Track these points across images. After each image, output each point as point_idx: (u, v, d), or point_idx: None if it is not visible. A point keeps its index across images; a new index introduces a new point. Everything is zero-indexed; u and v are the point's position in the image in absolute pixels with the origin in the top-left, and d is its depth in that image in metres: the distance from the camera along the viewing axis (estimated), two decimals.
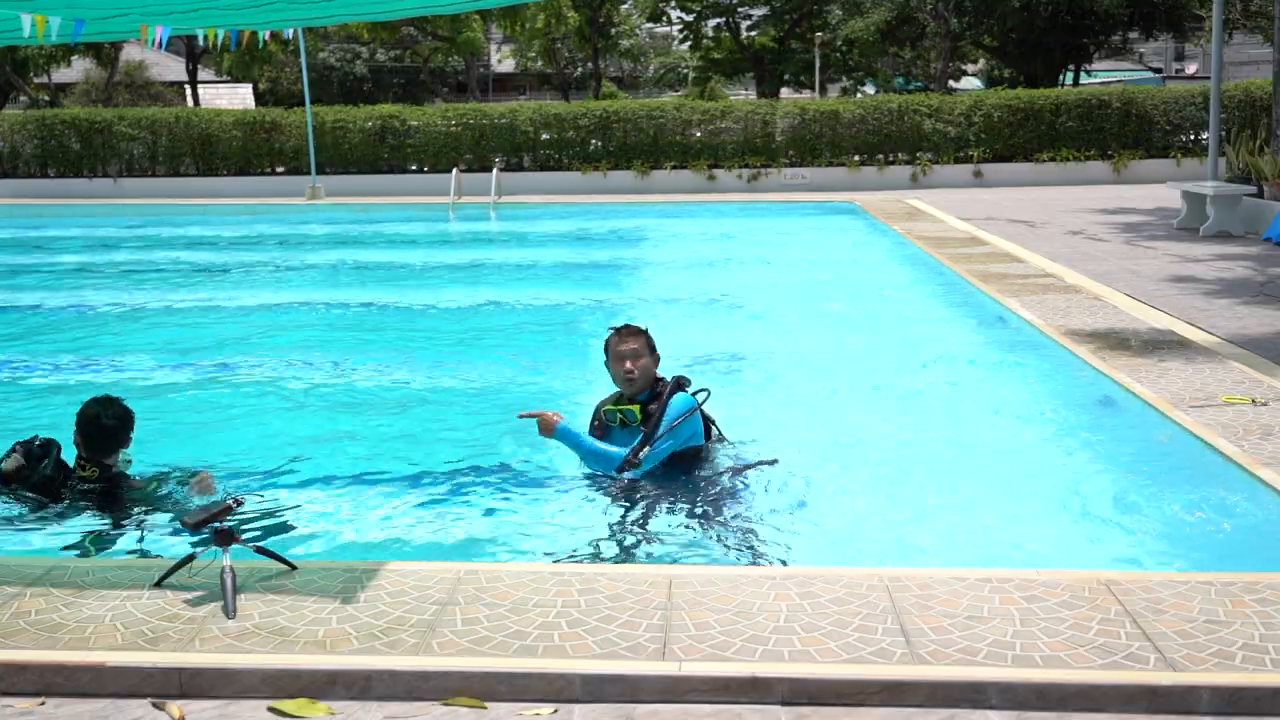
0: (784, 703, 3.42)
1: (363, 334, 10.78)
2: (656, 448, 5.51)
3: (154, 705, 3.49)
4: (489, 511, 5.71)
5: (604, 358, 5.81)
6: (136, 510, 5.27)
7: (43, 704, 3.51)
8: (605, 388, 8.16)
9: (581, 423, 5.87)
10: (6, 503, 5.30)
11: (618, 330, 5.78)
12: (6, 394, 8.50)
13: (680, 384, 5.67)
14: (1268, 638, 3.60)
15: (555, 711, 3.43)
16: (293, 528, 5.42)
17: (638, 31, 57.11)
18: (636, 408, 5.61)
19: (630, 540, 5.13)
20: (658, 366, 5.80)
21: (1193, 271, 11.92)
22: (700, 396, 5.75)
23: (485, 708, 3.45)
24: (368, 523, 5.55)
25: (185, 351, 9.76)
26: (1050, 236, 15.19)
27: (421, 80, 53.02)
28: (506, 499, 5.86)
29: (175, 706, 3.46)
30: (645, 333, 5.78)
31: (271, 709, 3.45)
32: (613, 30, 48.82)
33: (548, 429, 5.56)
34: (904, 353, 8.88)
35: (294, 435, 7.21)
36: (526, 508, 5.74)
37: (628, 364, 5.64)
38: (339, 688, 3.50)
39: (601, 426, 5.77)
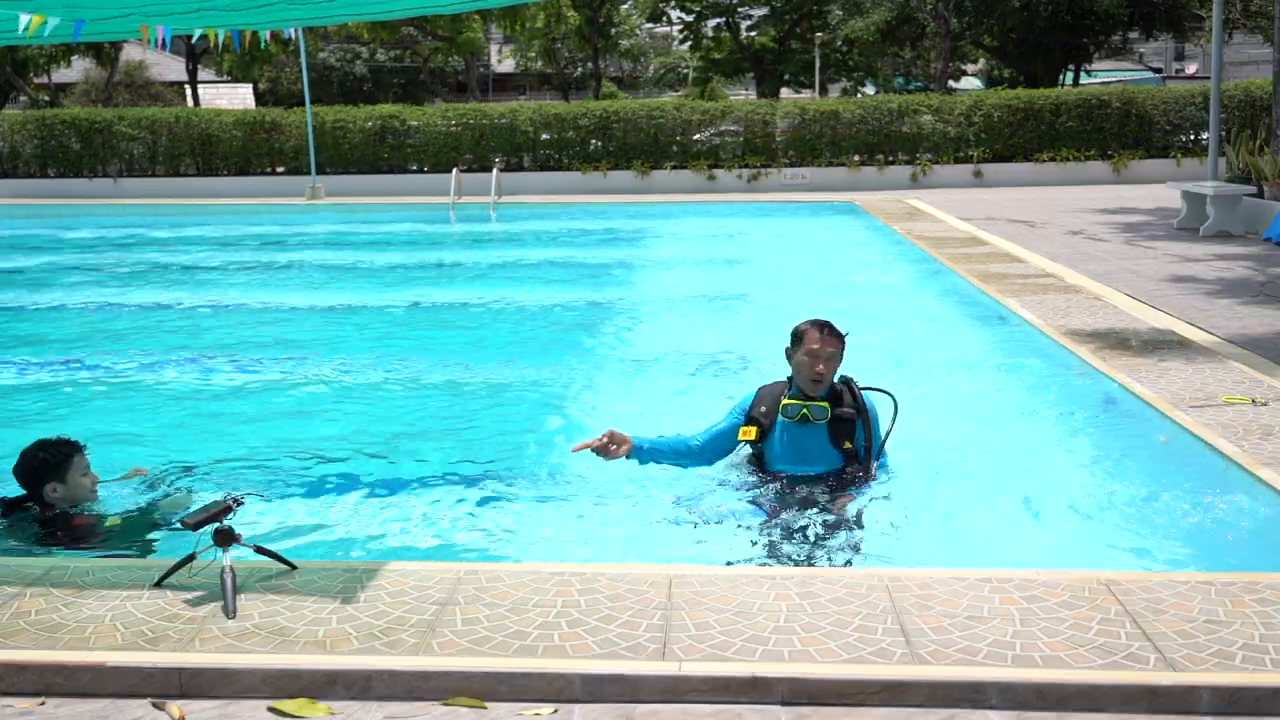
0: (784, 703, 3.42)
1: (362, 334, 10.78)
2: (881, 458, 5.42)
3: (154, 705, 3.49)
4: (489, 511, 5.70)
5: (789, 345, 5.48)
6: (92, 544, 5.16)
7: (43, 704, 3.51)
8: (607, 388, 8.18)
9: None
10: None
11: (820, 326, 5.42)
12: (6, 393, 8.50)
13: (853, 387, 5.49)
14: (1268, 638, 3.59)
15: (555, 711, 3.43)
16: (293, 528, 5.42)
17: (638, 31, 57.12)
18: (828, 405, 5.36)
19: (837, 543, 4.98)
20: None
21: (1193, 271, 11.92)
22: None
23: (485, 708, 3.45)
24: (368, 523, 5.55)
25: (184, 351, 9.76)
26: (1050, 236, 15.19)
27: (421, 80, 53.03)
28: (506, 499, 5.86)
29: (175, 706, 3.46)
30: (844, 338, 5.50)
31: (271, 709, 3.45)
32: (613, 30, 48.82)
33: (619, 452, 5.28)
34: (904, 353, 8.87)
35: (293, 435, 7.21)
36: (526, 508, 5.74)
37: (821, 366, 5.36)
38: (339, 688, 3.50)
39: (768, 416, 5.45)
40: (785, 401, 5.40)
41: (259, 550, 4.22)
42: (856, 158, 24.56)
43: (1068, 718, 3.35)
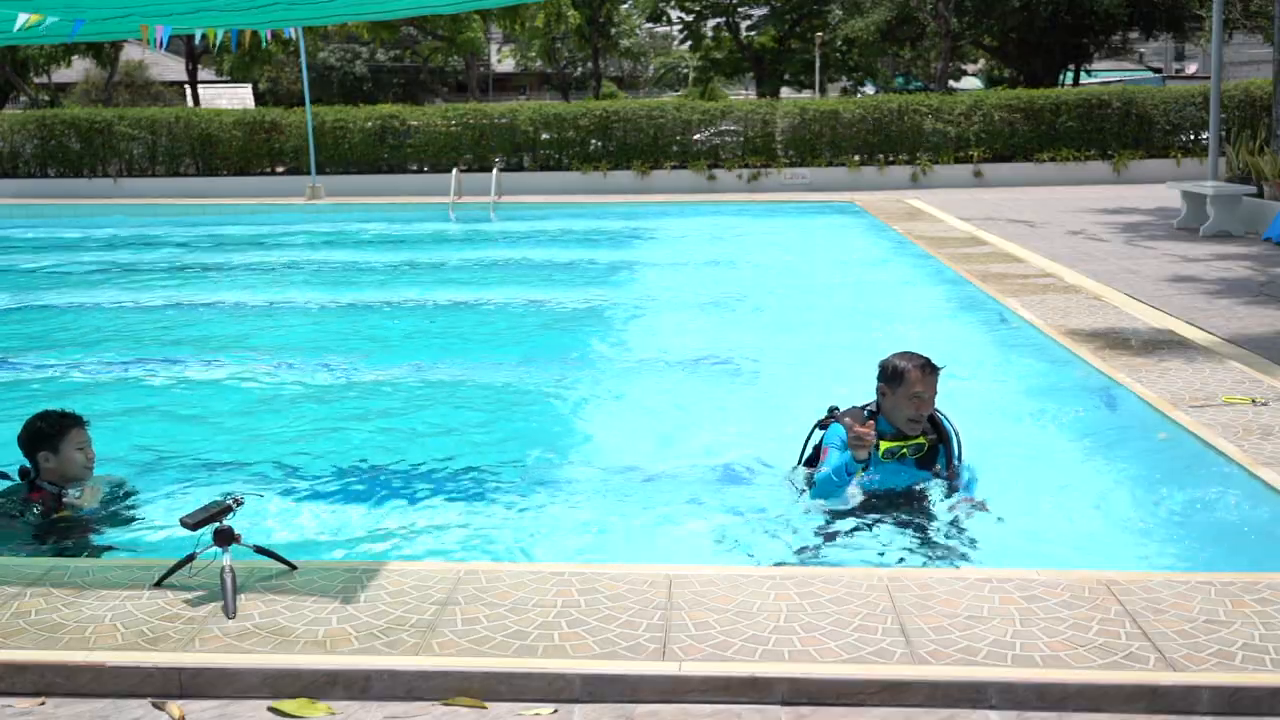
0: (784, 703, 3.42)
1: (362, 334, 10.78)
2: (961, 473, 5.35)
3: (154, 705, 3.49)
4: (489, 511, 5.70)
5: (881, 382, 5.24)
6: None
7: (43, 704, 3.51)
8: (607, 388, 8.18)
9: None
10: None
11: (920, 366, 5.16)
12: (7, 393, 8.50)
13: (933, 413, 5.33)
14: (1268, 638, 3.59)
15: (555, 711, 3.42)
16: (293, 528, 5.42)
17: (638, 31, 57.16)
18: (924, 441, 5.25)
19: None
20: None
21: (1193, 271, 11.92)
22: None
23: (485, 708, 3.45)
24: (368, 523, 5.55)
25: (184, 351, 9.76)
26: (1050, 236, 15.19)
27: (421, 80, 53.07)
28: (506, 499, 5.86)
29: (175, 706, 3.46)
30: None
31: (271, 709, 3.45)
32: (613, 30, 48.86)
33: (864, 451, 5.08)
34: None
35: (294, 435, 7.21)
36: (527, 508, 5.74)
37: (924, 408, 5.18)
38: (339, 688, 3.50)
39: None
40: (885, 446, 5.17)
41: (259, 550, 4.22)
42: (856, 158, 24.55)
43: (1068, 718, 3.35)
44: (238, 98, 44.91)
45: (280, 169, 25.65)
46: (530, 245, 17.17)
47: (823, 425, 5.47)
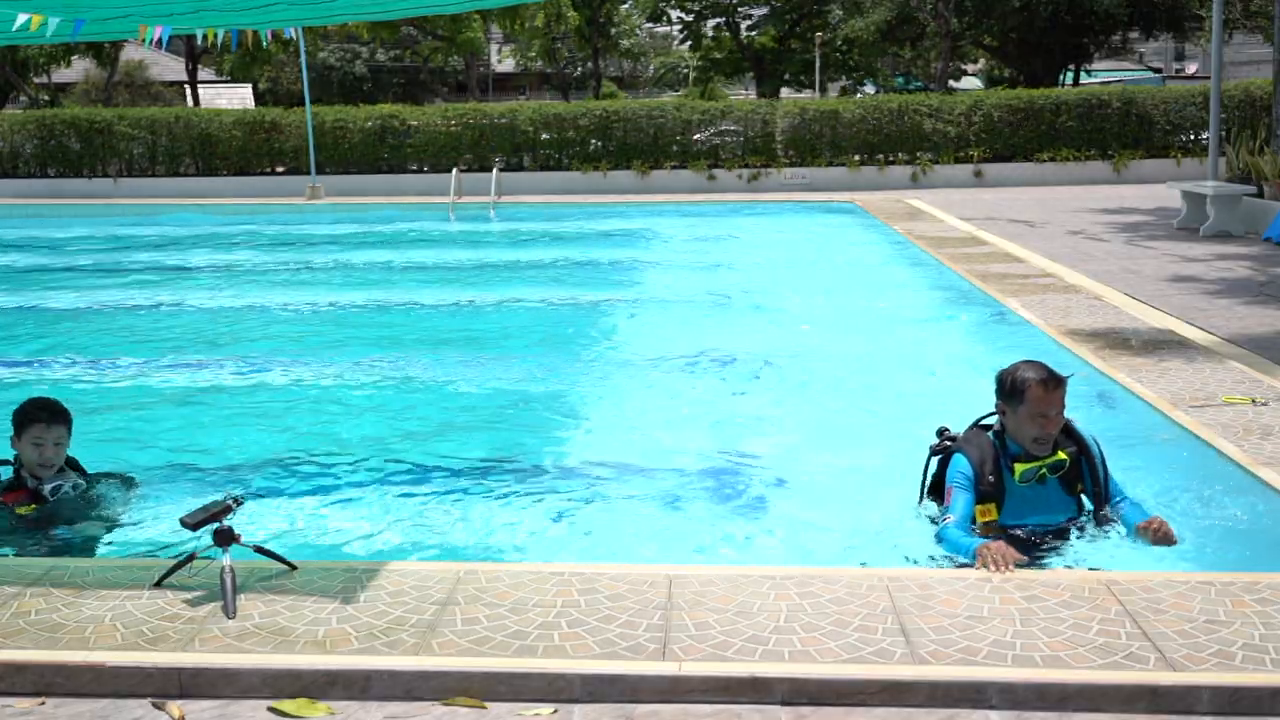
0: (784, 703, 3.42)
1: (362, 334, 10.78)
2: (1112, 493, 4.77)
3: (154, 705, 3.49)
4: (489, 511, 5.70)
5: (1001, 399, 4.69)
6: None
7: (43, 704, 3.51)
8: (606, 387, 8.18)
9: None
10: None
11: (1044, 380, 4.59)
12: (5, 393, 8.50)
13: (1068, 425, 4.75)
14: (1268, 638, 3.59)
15: (555, 711, 3.42)
16: (293, 528, 5.42)
17: (638, 31, 57.16)
18: (1064, 456, 4.65)
19: None
20: None
21: (1193, 271, 11.92)
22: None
23: (485, 708, 3.45)
24: (368, 523, 5.55)
25: (185, 351, 9.77)
26: (1050, 236, 15.19)
27: (421, 80, 53.07)
28: (506, 499, 5.86)
29: (175, 706, 3.46)
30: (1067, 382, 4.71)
31: (271, 709, 3.45)
32: (613, 30, 48.86)
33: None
34: (903, 353, 8.88)
35: (294, 435, 7.21)
36: (527, 508, 5.74)
37: (1051, 425, 4.60)
38: (339, 688, 3.50)
39: (995, 484, 4.62)
40: (1021, 468, 4.61)
41: (259, 550, 4.22)
42: (856, 158, 24.55)
43: (1068, 718, 3.35)
44: (238, 98, 44.91)
45: (280, 169, 25.65)
46: (530, 245, 17.17)
47: (937, 452, 4.93)
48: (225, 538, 4.08)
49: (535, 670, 3.49)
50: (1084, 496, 4.77)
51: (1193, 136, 24.42)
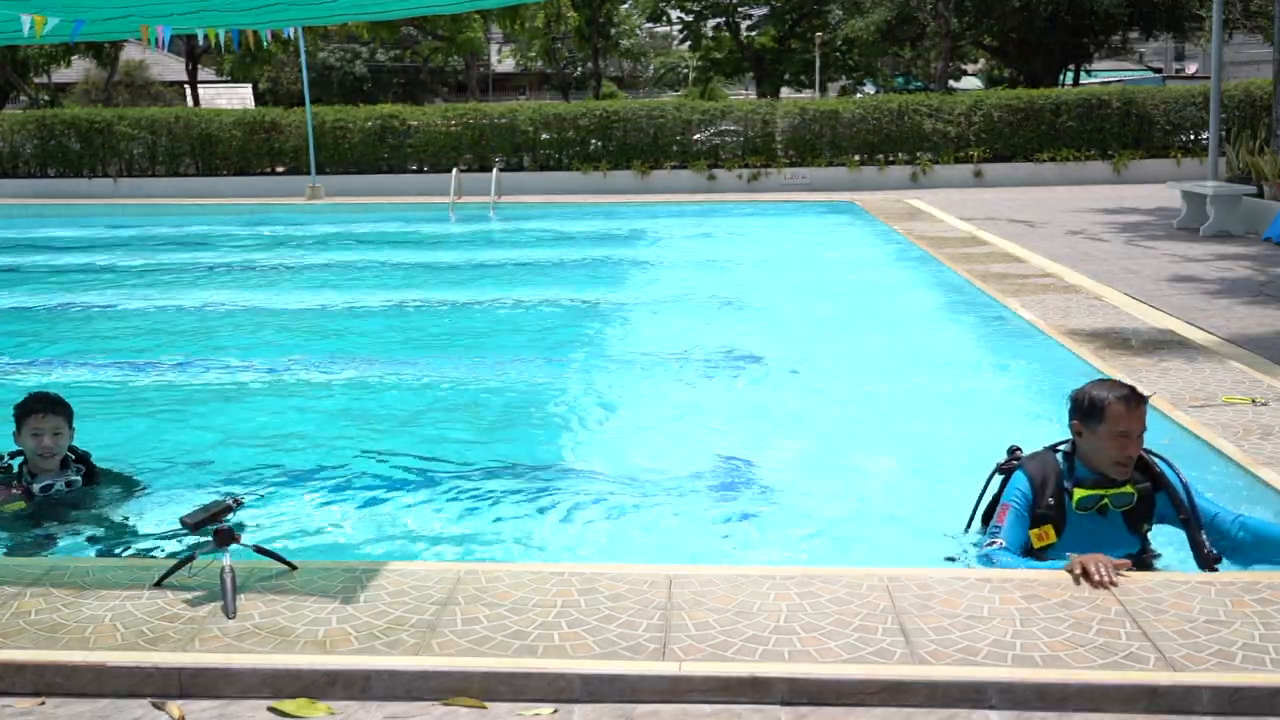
0: (784, 703, 3.42)
1: (362, 334, 10.78)
2: (1206, 515, 4.39)
3: (154, 705, 3.49)
4: (489, 511, 5.71)
5: (1075, 418, 4.37)
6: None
7: (43, 704, 3.51)
8: (607, 387, 8.18)
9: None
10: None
11: (1126, 398, 4.26)
12: (6, 392, 8.50)
13: (1145, 455, 4.38)
14: (1268, 638, 3.59)
15: (555, 711, 3.42)
16: (293, 528, 5.42)
17: (638, 31, 57.15)
18: (1132, 489, 4.30)
19: None
20: None
21: (1193, 271, 11.92)
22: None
23: (485, 708, 3.45)
24: (368, 523, 5.55)
25: (184, 351, 9.76)
26: (1050, 236, 15.19)
27: (421, 80, 53.06)
28: (506, 499, 5.86)
29: (175, 706, 3.46)
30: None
31: (271, 709, 3.45)
32: (613, 30, 48.83)
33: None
34: (904, 353, 8.89)
35: (294, 435, 7.21)
36: (527, 508, 5.74)
37: (1133, 448, 4.27)
38: (339, 688, 3.50)
39: (1056, 509, 4.32)
40: (1080, 494, 4.29)
41: (259, 550, 4.22)
42: (856, 158, 24.55)
43: (1068, 718, 3.34)
44: (238, 98, 44.93)
45: (280, 169, 25.65)
46: (530, 245, 17.17)
47: (1004, 470, 4.61)
48: (225, 538, 4.08)
49: (535, 670, 3.49)
50: (1149, 533, 4.43)
51: (1193, 136, 24.42)
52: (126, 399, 8.20)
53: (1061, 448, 4.49)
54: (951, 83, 37.67)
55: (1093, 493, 4.28)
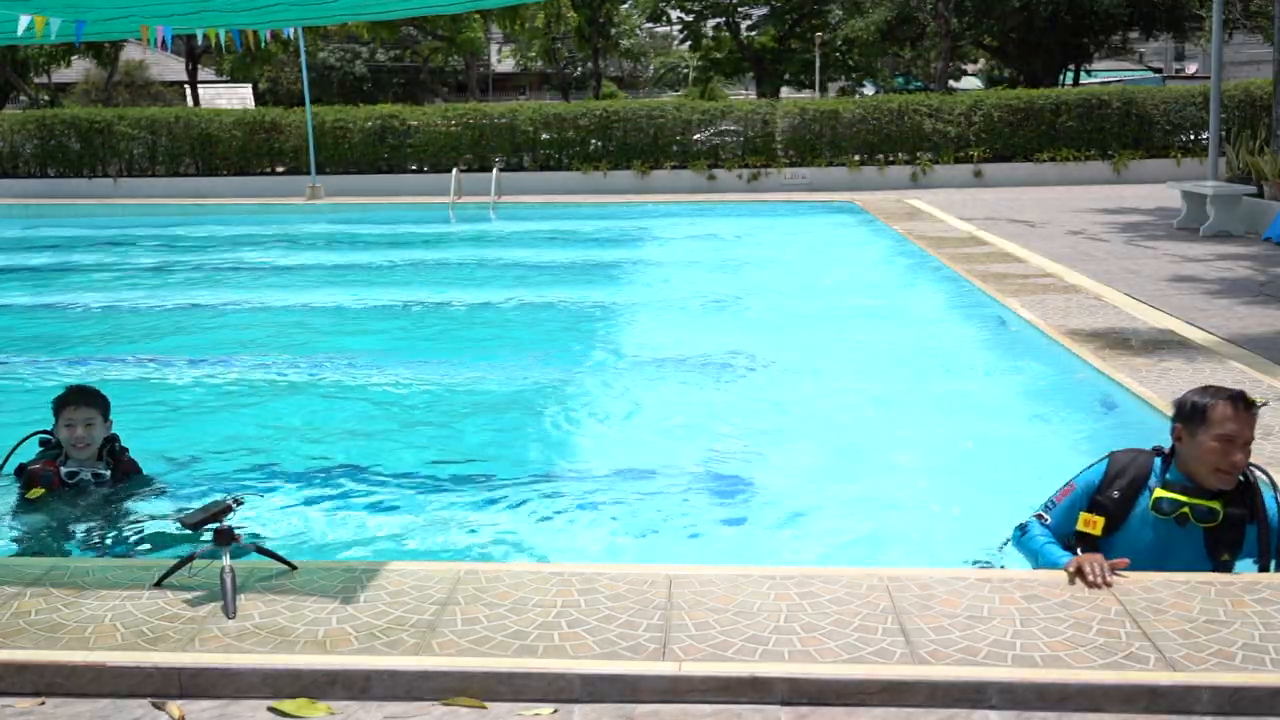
0: (784, 703, 3.42)
1: (362, 334, 10.78)
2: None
3: (154, 705, 3.49)
4: (489, 511, 5.71)
5: (1178, 422, 4.13)
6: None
7: (43, 704, 3.51)
8: (607, 387, 8.18)
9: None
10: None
11: (1234, 401, 4.04)
12: (5, 391, 8.50)
13: (1250, 477, 4.11)
14: (1268, 638, 3.59)
15: (555, 711, 3.42)
16: (293, 528, 5.42)
17: (638, 31, 57.14)
18: (1219, 505, 4.02)
19: None
20: None
21: (1193, 271, 11.92)
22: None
23: (485, 708, 3.45)
24: (368, 523, 5.55)
25: (185, 351, 9.76)
26: (1050, 236, 15.19)
27: (421, 80, 53.04)
28: (506, 499, 5.86)
29: (175, 706, 3.46)
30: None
31: (271, 709, 3.45)
32: (613, 30, 48.82)
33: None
34: (903, 353, 8.89)
35: (294, 435, 7.21)
36: (527, 508, 5.74)
37: (1239, 455, 3.99)
38: (339, 688, 3.50)
39: (1121, 504, 4.12)
40: (1159, 493, 4.05)
41: (259, 550, 4.22)
42: (856, 158, 24.55)
43: (1068, 718, 3.34)
44: (238, 97, 44.93)
45: (280, 169, 25.65)
46: (530, 245, 17.17)
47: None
48: (225, 538, 4.08)
49: (535, 670, 3.49)
50: (1230, 565, 4.12)
51: (1193, 136, 24.42)
52: (127, 399, 8.19)
53: (1160, 450, 4.26)
54: (951, 83, 37.67)
55: (1175, 496, 4.02)
